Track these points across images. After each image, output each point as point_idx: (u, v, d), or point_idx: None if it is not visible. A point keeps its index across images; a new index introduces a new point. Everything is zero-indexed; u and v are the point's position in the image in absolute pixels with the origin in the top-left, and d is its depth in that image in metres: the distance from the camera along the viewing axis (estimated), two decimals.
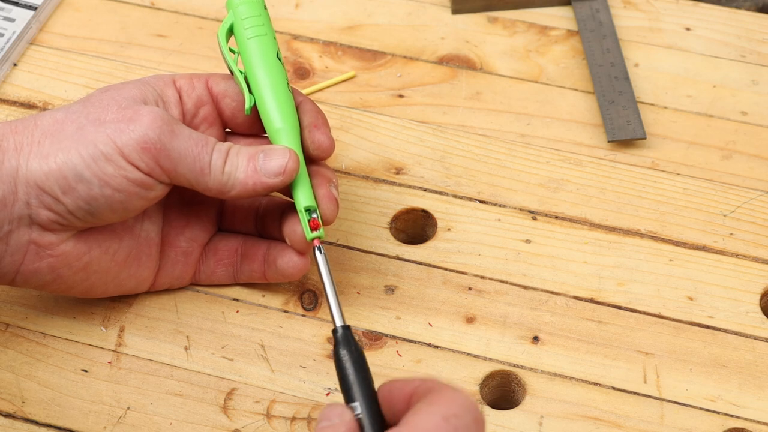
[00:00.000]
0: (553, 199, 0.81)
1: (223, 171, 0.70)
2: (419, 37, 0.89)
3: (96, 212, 0.68)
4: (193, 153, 0.69)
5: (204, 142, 0.70)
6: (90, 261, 0.71)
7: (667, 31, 0.90)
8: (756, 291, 0.77)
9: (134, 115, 0.69)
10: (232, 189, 0.70)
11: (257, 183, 0.70)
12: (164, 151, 0.68)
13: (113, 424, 0.71)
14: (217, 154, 0.70)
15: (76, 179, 0.67)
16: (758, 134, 0.84)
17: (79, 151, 0.68)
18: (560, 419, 0.71)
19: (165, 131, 0.69)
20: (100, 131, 0.68)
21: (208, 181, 0.70)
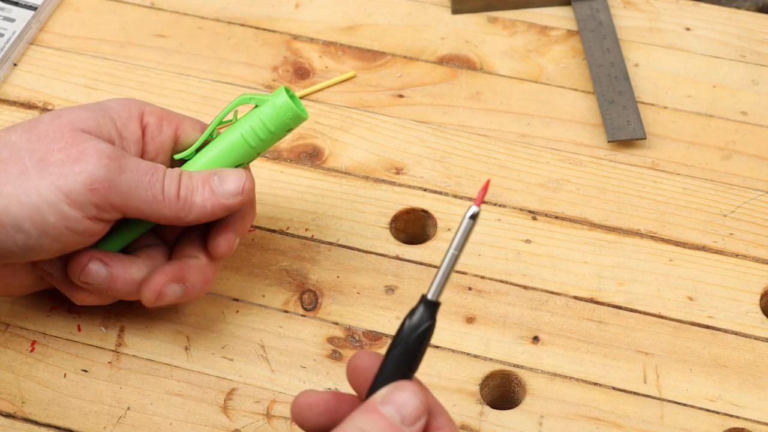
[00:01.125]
0: (553, 199, 0.81)
1: (178, 197, 0.68)
2: (419, 37, 0.89)
3: (27, 257, 0.67)
4: (144, 183, 0.67)
5: (153, 169, 0.68)
6: (12, 280, 0.71)
7: (667, 31, 0.90)
8: (756, 291, 0.77)
9: (80, 154, 0.66)
10: (189, 214, 0.69)
11: (215, 205, 0.69)
12: (114, 188, 0.66)
13: (113, 424, 0.71)
14: (169, 179, 0.68)
15: (15, 228, 0.65)
16: (758, 134, 0.84)
17: (20, 198, 0.65)
18: (560, 419, 0.71)
19: (112, 168, 0.66)
20: (45, 177, 0.65)
21: (163, 209, 0.68)
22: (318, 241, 0.79)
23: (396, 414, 0.58)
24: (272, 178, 0.81)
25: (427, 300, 0.60)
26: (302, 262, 0.78)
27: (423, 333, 0.60)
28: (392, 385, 0.59)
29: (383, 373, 0.60)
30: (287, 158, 0.82)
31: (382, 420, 0.58)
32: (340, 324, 0.75)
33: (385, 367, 0.60)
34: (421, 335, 0.60)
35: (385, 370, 0.60)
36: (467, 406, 0.72)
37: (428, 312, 0.60)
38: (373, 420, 0.58)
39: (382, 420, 0.58)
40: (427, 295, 0.60)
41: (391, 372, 0.60)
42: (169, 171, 0.69)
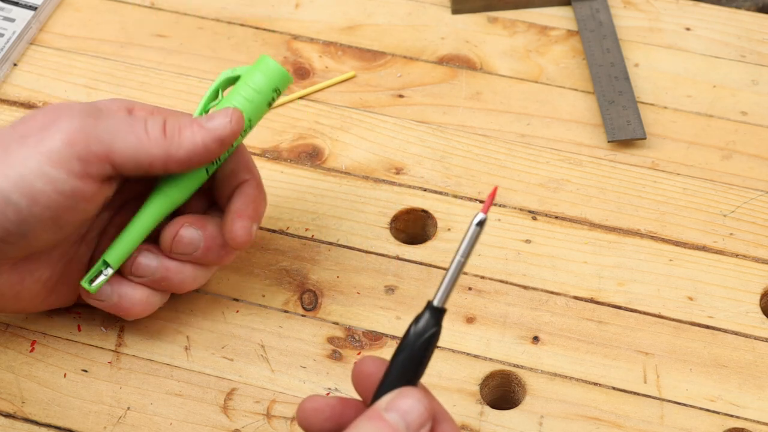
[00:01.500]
0: (553, 199, 0.81)
1: (164, 134, 0.66)
2: (419, 37, 0.89)
3: (27, 234, 0.65)
4: (124, 127, 0.66)
5: (133, 118, 0.67)
6: (21, 290, 0.69)
7: (667, 31, 0.90)
8: (756, 291, 0.77)
9: (55, 118, 0.66)
10: (180, 149, 0.67)
11: (206, 137, 0.67)
12: (92, 136, 0.65)
13: (113, 424, 0.71)
14: (152, 121, 0.67)
15: (4, 202, 0.64)
16: (758, 134, 0.84)
17: (5, 172, 0.64)
18: (560, 419, 0.71)
19: (87, 119, 0.65)
20: (25, 147, 0.65)
21: (150, 149, 0.66)
22: (318, 241, 0.79)
23: (400, 421, 0.58)
24: (272, 178, 0.81)
25: (433, 306, 0.60)
26: (302, 262, 0.78)
27: (428, 339, 0.60)
28: (396, 392, 0.59)
29: (388, 379, 0.60)
30: (287, 158, 0.82)
31: (386, 427, 0.57)
32: (340, 324, 0.75)
33: (390, 373, 0.60)
34: (426, 342, 0.60)
35: (390, 376, 0.60)
36: (467, 406, 0.72)
37: (434, 318, 0.60)
38: (378, 427, 0.57)
39: (387, 427, 0.57)
40: (433, 302, 0.60)
41: (396, 378, 0.60)
42: (151, 117, 0.68)
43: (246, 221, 0.70)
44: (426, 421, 0.58)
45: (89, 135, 0.65)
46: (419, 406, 0.58)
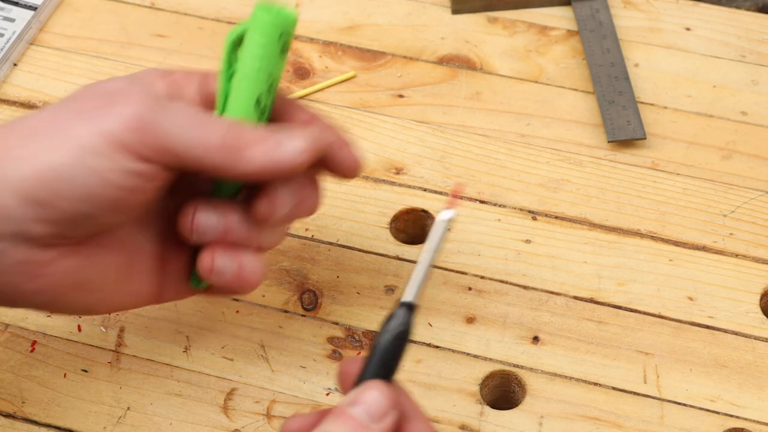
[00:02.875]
0: (553, 199, 0.81)
1: (224, 143, 0.62)
2: (419, 37, 0.89)
3: (92, 214, 0.61)
4: (188, 124, 0.62)
5: (200, 113, 0.62)
6: (90, 277, 0.64)
7: (667, 31, 0.90)
8: (756, 291, 0.77)
9: (117, 98, 0.62)
10: (238, 164, 0.62)
11: (267, 162, 0.62)
12: (155, 125, 0.61)
13: (113, 424, 0.71)
14: (219, 124, 0.62)
15: (66, 180, 0.60)
16: (758, 134, 0.84)
17: (65, 147, 0.60)
18: (560, 419, 0.71)
19: (152, 106, 0.61)
20: (83, 122, 0.61)
21: (210, 156, 0.62)
22: (318, 241, 0.79)
23: (363, 413, 0.58)
24: None
25: (403, 303, 0.60)
26: (302, 262, 0.78)
27: (399, 337, 0.60)
28: (360, 387, 0.59)
29: (362, 379, 0.60)
30: None
31: (349, 420, 0.57)
32: (340, 324, 0.75)
33: (364, 373, 0.60)
34: (397, 339, 0.60)
35: (364, 375, 0.60)
36: (467, 406, 0.72)
37: (405, 315, 0.60)
38: (341, 422, 0.57)
39: (350, 420, 0.57)
40: (403, 299, 0.60)
41: (370, 376, 0.60)
42: (219, 117, 0.63)
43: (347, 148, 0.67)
44: (388, 410, 0.58)
45: (153, 124, 0.61)
46: (381, 397, 0.58)
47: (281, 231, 0.68)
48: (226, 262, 0.65)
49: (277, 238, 0.68)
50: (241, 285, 0.66)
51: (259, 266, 0.66)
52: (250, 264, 0.66)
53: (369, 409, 0.58)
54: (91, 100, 0.62)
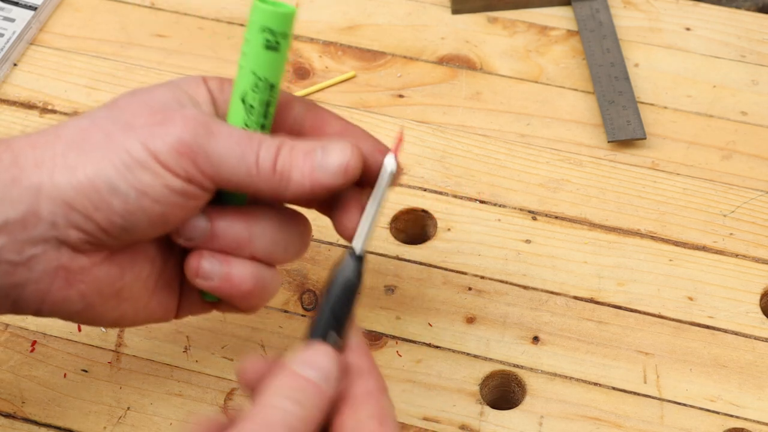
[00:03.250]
0: (553, 199, 0.81)
1: (274, 171, 0.62)
2: (419, 37, 0.89)
3: (132, 228, 0.62)
4: (237, 153, 0.62)
5: (248, 138, 0.62)
6: (122, 287, 0.64)
7: (667, 31, 0.90)
8: (756, 291, 0.77)
9: (166, 118, 0.62)
10: (286, 190, 0.62)
11: (315, 183, 0.62)
12: (203, 154, 0.61)
13: (113, 424, 0.71)
14: (266, 152, 0.62)
15: (111, 192, 0.60)
16: (758, 134, 0.84)
17: (111, 160, 0.61)
18: (560, 419, 0.71)
19: (201, 133, 0.62)
20: (131, 137, 0.61)
21: (257, 183, 0.62)
22: (318, 241, 0.79)
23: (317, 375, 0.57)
24: None
25: (352, 254, 0.61)
26: (302, 262, 0.78)
27: (349, 288, 0.60)
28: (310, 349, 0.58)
29: (314, 332, 0.60)
30: None
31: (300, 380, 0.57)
32: None
33: (316, 327, 0.60)
34: (347, 290, 0.60)
35: (316, 329, 0.59)
36: (467, 406, 0.72)
37: (355, 266, 0.60)
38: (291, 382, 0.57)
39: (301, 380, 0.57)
40: (352, 249, 0.61)
41: (321, 330, 0.59)
42: (267, 140, 0.63)
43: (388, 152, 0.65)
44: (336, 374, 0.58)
45: (199, 154, 0.61)
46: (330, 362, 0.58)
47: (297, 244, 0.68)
48: (213, 266, 0.65)
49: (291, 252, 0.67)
50: (230, 292, 0.66)
51: (250, 274, 0.65)
52: (239, 271, 0.65)
53: (320, 369, 0.57)
54: (141, 115, 0.62)
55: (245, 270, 0.65)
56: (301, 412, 0.56)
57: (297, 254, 0.67)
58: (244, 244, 0.65)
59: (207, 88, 0.65)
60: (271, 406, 0.56)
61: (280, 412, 0.56)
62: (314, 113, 0.67)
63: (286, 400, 0.56)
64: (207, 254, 0.65)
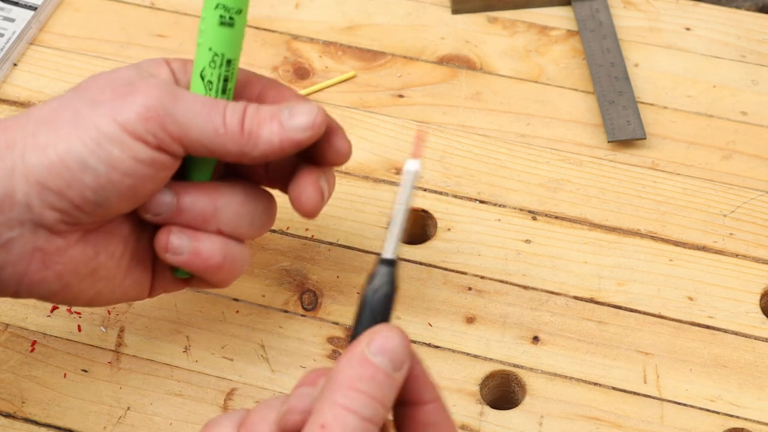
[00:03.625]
0: (553, 199, 0.81)
1: (242, 130, 0.64)
2: (419, 37, 0.89)
3: (105, 202, 0.63)
4: (203, 113, 0.64)
5: (213, 102, 0.64)
6: (97, 266, 0.66)
7: (667, 31, 0.90)
8: (756, 291, 0.77)
9: (130, 90, 0.64)
10: (255, 149, 0.64)
11: (284, 139, 0.64)
12: (169, 116, 0.63)
13: (113, 424, 0.71)
14: (231, 112, 0.64)
15: (81, 168, 0.62)
16: (758, 134, 0.84)
17: (79, 136, 0.62)
18: (560, 419, 0.71)
19: (166, 97, 0.63)
20: (99, 112, 0.63)
21: (226, 143, 0.64)
22: (318, 241, 0.79)
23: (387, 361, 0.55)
24: None
25: (384, 260, 0.60)
26: (302, 262, 0.78)
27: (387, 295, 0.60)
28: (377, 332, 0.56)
29: None
30: None
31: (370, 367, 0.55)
32: (340, 324, 0.75)
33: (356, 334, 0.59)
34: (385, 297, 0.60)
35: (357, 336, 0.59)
36: (467, 406, 0.72)
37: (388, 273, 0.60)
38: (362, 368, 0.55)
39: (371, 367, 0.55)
40: (383, 255, 0.60)
41: None
42: (231, 103, 0.65)
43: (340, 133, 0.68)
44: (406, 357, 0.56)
45: (166, 116, 0.63)
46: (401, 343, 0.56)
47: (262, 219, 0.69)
48: (182, 241, 0.67)
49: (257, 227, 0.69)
50: (200, 267, 0.67)
51: (218, 249, 0.67)
52: (207, 246, 0.67)
53: (393, 357, 0.56)
54: (105, 90, 0.64)
55: (213, 244, 0.67)
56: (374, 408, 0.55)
57: (262, 228, 0.69)
58: (210, 218, 0.67)
59: (169, 68, 0.67)
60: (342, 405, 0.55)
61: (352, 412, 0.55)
62: (276, 90, 0.69)
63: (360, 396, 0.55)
64: (176, 229, 0.67)
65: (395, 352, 0.56)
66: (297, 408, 0.56)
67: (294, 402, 0.56)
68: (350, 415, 0.54)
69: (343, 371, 0.55)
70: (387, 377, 0.55)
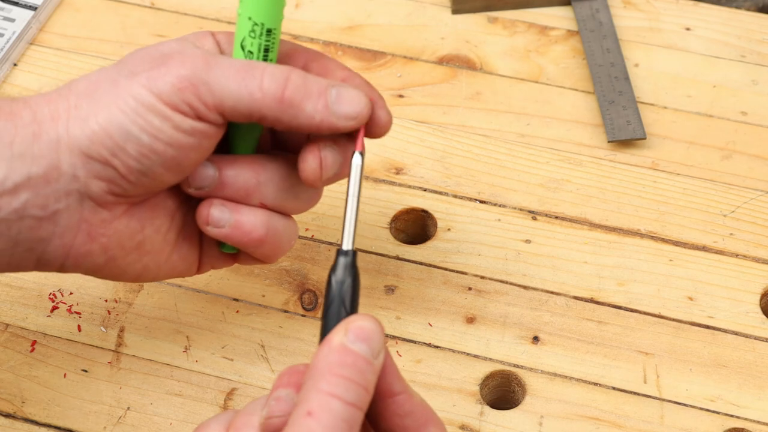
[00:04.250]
0: (553, 199, 0.81)
1: (283, 96, 0.63)
2: (419, 37, 0.89)
3: (149, 171, 0.63)
4: (238, 78, 0.63)
5: (249, 65, 0.63)
6: (143, 240, 0.66)
7: (667, 31, 0.90)
8: (756, 291, 0.77)
9: (164, 61, 0.64)
10: (294, 119, 0.64)
11: (325, 121, 0.64)
12: (203, 84, 0.63)
13: (113, 424, 0.71)
14: (270, 77, 0.63)
15: (124, 137, 0.62)
16: (758, 134, 0.84)
17: (119, 106, 0.63)
18: (560, 419, 0.71)
19: (200, 66, 0.63)
20: (135, 83, 0.63)
21: (261, 108, 0.63)
22: (318, 241, 0.79)
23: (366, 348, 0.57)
24: None
25: (344, 251, 0.61)
26: (302, 262, 0.78)
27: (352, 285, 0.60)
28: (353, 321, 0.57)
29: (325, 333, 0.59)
30: None
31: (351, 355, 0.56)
32: None
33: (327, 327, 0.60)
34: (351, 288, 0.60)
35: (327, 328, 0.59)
36: (467, 406, 0.72)
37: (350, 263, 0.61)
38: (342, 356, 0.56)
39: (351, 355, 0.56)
40: (342, 247, 0.61)
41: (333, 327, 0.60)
42: (272, 67, 0.64)
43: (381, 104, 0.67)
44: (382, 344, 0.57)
45: (199, 85, 0.63)
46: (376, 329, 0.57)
47: (308, 193, 0.69)
48: (223, 214, 0.67)
49: (303, 202, 0.69)
50: (242, 240, 0.67)
51: (261, 222, 0.67)
52: (249, 219, 0.67)
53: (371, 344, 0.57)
54: (145, 62, 0.64)
55: (255, 217, 0.67)
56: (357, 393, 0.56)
57: (309, 202, 0.69)
58: (253, 192, 0.67)
59: (215, 40, 0.67)
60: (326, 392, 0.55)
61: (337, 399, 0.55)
62: (319, 62, 0.68)
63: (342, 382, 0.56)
64: (217, 202, 0.67)
65: (373, 338, 0.57)
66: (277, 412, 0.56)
67: (274, 407, 0.57)
68: (335, 400, 0.55)
69: (325, 360, 0.56)
70: (367, 363, 0.56)
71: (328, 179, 0.67)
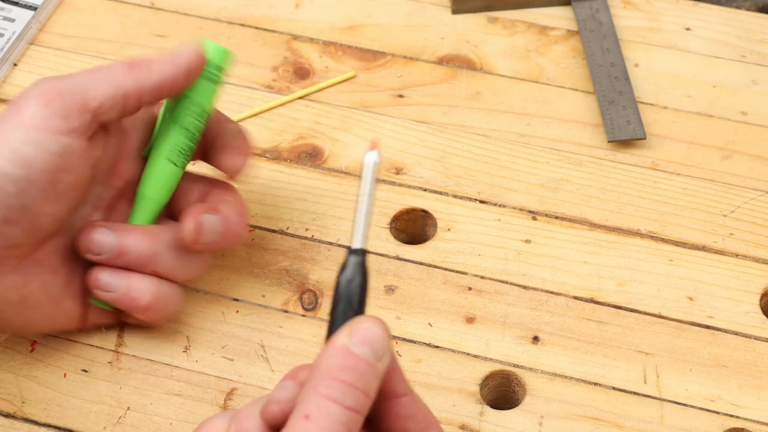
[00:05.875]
0: (553, 199, 0.81)
1: (132, 66, 0.68)
2: (419, 37, 0.89)
3: (30, 204, 0.65)
4: (93, 72, 0.67)
5: (101, 65, 0.68)
6: (27, 295, 0.68)
7: (667, 31, 0.90)
8: (756, 291, 0.77)
9: (24, 90, 0.67)
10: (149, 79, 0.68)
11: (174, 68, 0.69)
12: (65, 88, 0.66)
13: (113, 424, 0.71)
14: (119, 61, 0.68)
15: (2, 177, 0.65)
16: (758, 134, 0.84)
17: None
18: (560, 419, 0.71)
19: (56, 78, 0.67)
20: (6, 123, 0.66)
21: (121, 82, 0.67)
22: (318, 241, 0.79)
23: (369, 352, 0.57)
24: (272, 178, 0.81)
25: (354, 250, 0.61)
26: (302, 262, 0.78)
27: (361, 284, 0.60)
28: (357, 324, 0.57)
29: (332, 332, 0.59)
30: (287, 158, 0.82)
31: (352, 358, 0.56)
32: None
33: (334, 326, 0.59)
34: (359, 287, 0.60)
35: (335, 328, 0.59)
36: (467, 406, 0.72)
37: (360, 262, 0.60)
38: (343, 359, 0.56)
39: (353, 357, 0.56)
40: (352, 245, 0.61)
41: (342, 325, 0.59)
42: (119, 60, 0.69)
43: (238, 157, 0.72)
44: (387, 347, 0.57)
45: (62, 90, 0.66)
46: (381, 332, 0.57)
47: (196, 262, 0.72)
48: (113, 279, 0.70)
49: (191, 270, 0.72)
50: (129, 305, 0.71)
51: (149, 290, 0.70)
52: (139, 285, 0.70)
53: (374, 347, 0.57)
54: (12, 101, 0.67)
55: (144, 285, 0.70)
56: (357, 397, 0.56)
57: (197, 273, 0.73)
58: (147, 261, 0.70)
59: None
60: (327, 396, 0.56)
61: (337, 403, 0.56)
62: None
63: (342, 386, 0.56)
64: (108, 269, 0.70)
65: (377, 342, 0.57)
66: (277, 398, 0.57)
67: (275, 393, 0.57)
68: (333, 404, 0.55)
69: (326, 362, 0.56)
70: (369, 367, 0.56)
71: (206, 244, 0.70)
